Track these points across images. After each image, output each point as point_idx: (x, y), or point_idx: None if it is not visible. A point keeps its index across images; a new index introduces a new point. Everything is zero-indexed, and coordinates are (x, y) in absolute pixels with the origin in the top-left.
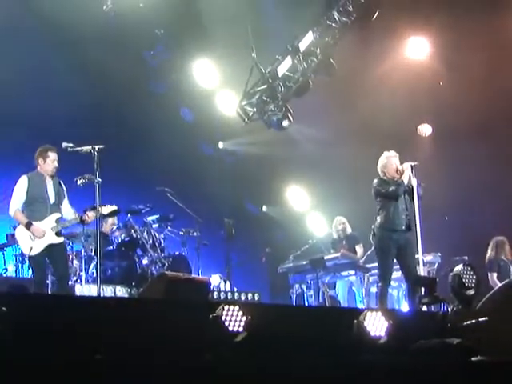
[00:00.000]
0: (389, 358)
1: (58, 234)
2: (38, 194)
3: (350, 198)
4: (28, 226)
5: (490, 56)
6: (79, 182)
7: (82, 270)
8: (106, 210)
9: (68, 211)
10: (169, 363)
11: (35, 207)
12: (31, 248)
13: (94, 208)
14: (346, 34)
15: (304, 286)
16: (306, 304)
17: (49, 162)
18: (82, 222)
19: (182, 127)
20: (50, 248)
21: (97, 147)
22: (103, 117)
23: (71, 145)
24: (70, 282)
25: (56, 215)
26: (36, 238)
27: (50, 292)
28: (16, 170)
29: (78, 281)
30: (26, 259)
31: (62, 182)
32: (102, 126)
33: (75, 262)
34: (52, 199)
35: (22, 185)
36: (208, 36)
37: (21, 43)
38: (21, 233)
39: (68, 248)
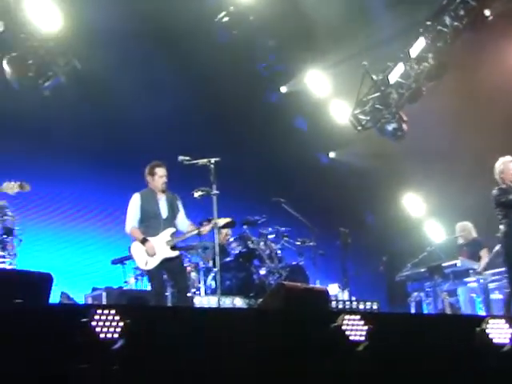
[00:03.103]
0: None
1: (174, 247)
2: (150, 210)
3: (467, 203)
4: (143, 242)
5: None
6: (196, 195)
7: (200, 282)
8: (222, 221)
9: (184, 224)
10: (289, 372)
11: (149, 223)
12: (146, 262)
13: (209, 220)
14: (457, 38)
15: (422, 294)
16: (425, 312)
17: (157, 179)
18: (198, 234)
19: (295, 137)
20: (167, 262)
21: (213, 160)
22: (218, 129)
23: (187, 158)
24: (189, 294)
25: (170, 230)
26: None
27: (169, 304)
28: (134, 186)
29: (197, 293)
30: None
31: (177, 196)
32: (217, 138)
33: (193, 274)
34: (165, 214)
35: (135, 202)
36: (319, 45)
37: (134, 59)
38: (136, 248)
39: (186, 260)
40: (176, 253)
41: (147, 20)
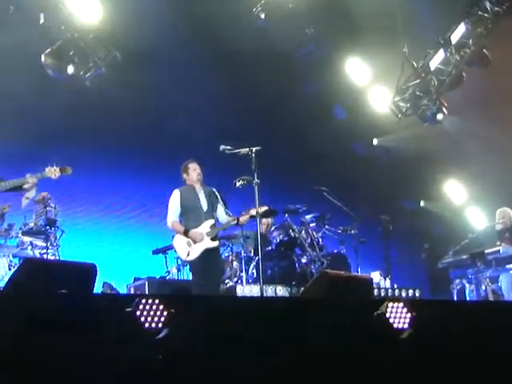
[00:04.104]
0: None
1: (214, 238)
2: (191, 204)
3: (509, 190)
4: (186, 232)
5: None
6: (238, 184)
7: (242, 271)
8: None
9: (223, 215)
10: (333, 360)
11: (190, 216)
12: (188, 253)
13: (248, 210)
14: (498, 23)
15: (465, 281)
16: (468, 299)
17: (191, 172)
18: (237, 224)
19: (334, 125)
20: (207, 252)
21: (254, 149)
22: (259, 118)
23: (229, 147)
24: (230, 283)
25: (210, 221)
26: (193, 244)
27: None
28: (174, 177)
29: (239, 282)
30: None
31: (214, 189)
32: (257, 127)
33: (235, 263)
34: (205, 207)
35: (175, 198)
36: (358, 33)
37: (172, 50)
38: (178, 240)
39: (228, 249)
40: (216, 243)
41: (185, 9)
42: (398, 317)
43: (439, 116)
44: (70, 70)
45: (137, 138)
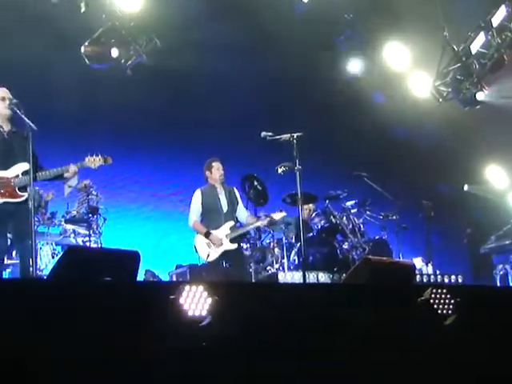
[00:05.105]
0: None
1: (233, 240)
2: (211, 204)
3: None
4: (207, 234)
5: None
6: (280, 171)
7: (283, 258)
8: (277, 216)
9: (243, 216)
10: (378, 346)
11: (210, 217)
12: (208, 254)
13: (266, 215)
14: None
15: (508, 266)
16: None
17: (214, 171)
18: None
19: (375, 110)
20: (226, 254)
21: (295, 135)
22: (299, 104)
23: (270, 134)
24: (272, 270)
25: (230, 223)
26: (213, 245)
27: None
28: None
29: (281, 268)
30: None
31: (234, 189)
32: (298, 113)
33: (276, 249)
34: (225, 208)
35: (197, 198)
36: (398, 18)
37: (211, 36)
38: (199, 241)
39: (269, 236)
40: (235, 245)
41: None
42: (443, 303)
43: (479, 95)
44: (115, 53)
45: (178, 126)
